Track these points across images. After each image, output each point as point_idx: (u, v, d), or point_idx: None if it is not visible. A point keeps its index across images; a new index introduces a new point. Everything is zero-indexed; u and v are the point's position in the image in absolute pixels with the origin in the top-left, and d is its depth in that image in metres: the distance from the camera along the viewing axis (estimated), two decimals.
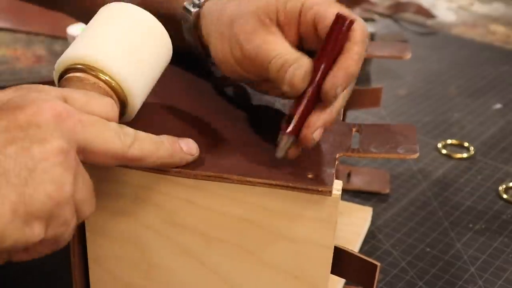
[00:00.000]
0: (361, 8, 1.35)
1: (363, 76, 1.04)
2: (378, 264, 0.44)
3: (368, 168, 0.77)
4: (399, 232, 0.67)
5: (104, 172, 0.43)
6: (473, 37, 1.26)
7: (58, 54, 1.06)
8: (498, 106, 0.97)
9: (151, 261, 0.46)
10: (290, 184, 0.41)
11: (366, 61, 1.04)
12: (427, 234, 0.67)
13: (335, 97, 0.42)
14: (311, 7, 0.44)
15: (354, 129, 0.48)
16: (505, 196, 0.74)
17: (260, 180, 0.41)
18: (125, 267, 0.47)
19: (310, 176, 0.42)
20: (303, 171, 0.42)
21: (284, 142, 0.42)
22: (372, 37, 1.05)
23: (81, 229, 0.46)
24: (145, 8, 0.51)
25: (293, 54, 0.43)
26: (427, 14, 1.33)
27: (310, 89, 0.42)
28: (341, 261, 0.44)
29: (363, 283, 0.45)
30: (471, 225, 0.69)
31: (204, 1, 0.50)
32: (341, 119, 0.50)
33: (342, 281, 0.57)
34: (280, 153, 0.42)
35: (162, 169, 0.42)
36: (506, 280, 0.61)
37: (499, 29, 1.31)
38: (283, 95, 0.48)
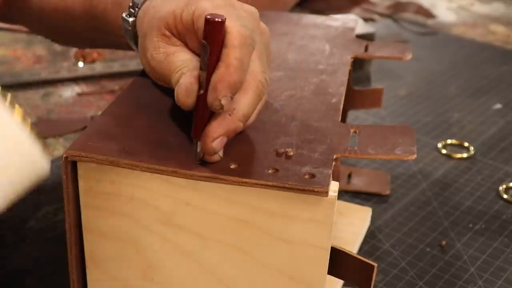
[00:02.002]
0: (361, 8, 1.35)
1: (363, 76, 1.04)
2: (375, 264, 0.44)
3: (369, 169, 0.77)
4: (399, 232, 0.67)
5: (100, 172, 0.44)
6: (473, 37, 1.26)
7: (58, 54, 1.06)
8: (498, 106, 0.97)
9: (148, 262, 0.46)
10: (286, 185, 0.41)
11: (366, 62, 1.04)
12: (427, 234, 0.67)
13: (222, 108, 0.41)
14: (201, 15, 0.44)
15: (352, 130, 0.48)
16: (505, 196, 0.74)
17: (256, 181, 0.41)
18: (123, 267, 0.46)
19: (306, 177, 0.42)
20: (300, 172, 0.42)
21: (196, 147, 0.42)
22: (371, 37, 1.05)
23: (78, 229, 0.46)
24: (93, 15, 0.54)
25: (185, 67, 0.44)
26: (427, 14, 1.33)
27: (201, 98, 0.42)
28: (338, 262, 0.44)
29: (360, 284, 0.45)
30: (471, 225, 0.69)
31: (138, 10, 0.50)
32: (341, 119, 0.50)
33: (340, 282, 0.57)
34: (196, 158, 0.43)
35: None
36: (506, 280, 0.61)
37: (499, 29, 1.31)
38: None
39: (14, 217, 0.66)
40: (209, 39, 0.41)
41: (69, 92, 0.94)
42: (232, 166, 0.43)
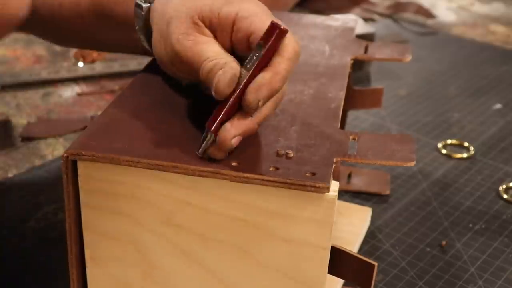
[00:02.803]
0: (361, 8, 1.35)
1: (363, 76, 1.04)
2: (376, 264, 0.44)
3: (369, 169, 0.77)
4: (399, 232, 0.67)
5: (100, 171, 0.44)
6: (473, 37, 1.26)
7: (58, 54, 1.06)
8: (498, 106, 0.97)
9: (148, 261, 0.46)
10: (287, 181, 0.41)
11: (366, 62, 1.04)
12: (427, 234, 0.67)
13: (256, 109, 0.42)
14: (246, 17, 0.45)
15: (351, 137, 0.48)
16: (505, 196, 0.74)
17: (257, 176, 0.41)
18: (123, 267, 0.46)
19: (307, 174, 0.42)
20: (301, 170, 0.42)
21: (206, 139, 0.43)
22: (371, 37, 1.05)
23: (78, 229, 0.46)
24: (100, 9, 0.54)
25: (223, 58, 0.44)
26: (427, 14, 1.33)
27: (235, 94, 0.43)
28: (339, 261, 0.44)
29: (361, 283, 0.45)
30: (471, 225, 0.69)
31: None
32: (341, 119, 0.50)
33: (340, 281, 0.57)
34: (201, 150, 0.43)
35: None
36: (506, 280, 0.61)
37: (499, 29, 1.31)
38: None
39: (14, 217, 0.66)
40: (268, 43, 0.43)
41: (69, 92, 0.94)
42: (233, 164, 0.43)
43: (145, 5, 0.51)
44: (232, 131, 0.42)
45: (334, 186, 0.42)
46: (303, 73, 0.57)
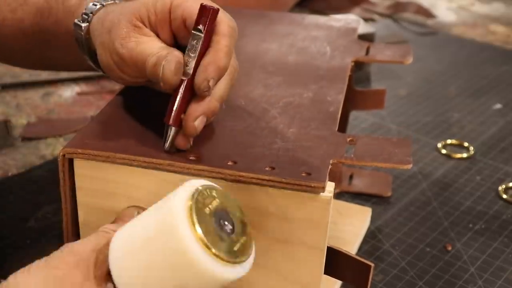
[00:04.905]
0: (361, 8, 1.35)
1: (363, 76, 1.04)
2: (372, 264, 0.44)
3: (370, 171, 0.77)
4: (399, 232, 0.67)
5: (96, 170, 0.44)
6: (473, 37, 1.26)
7: None
8: (498, 106, 0.97)
9: None
10: (283, 180, 0.41)
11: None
12: (427, 234, 0.67)
13: (208, 90, 0.44)
14: (179, 5, 0.46)
15: (349, 139, 0.48)
16: (505, 196, 0.74)
17: (252, 175, 0.41)
18: None
19: (303, 174, 0.42)
20: (297, 170, 0.42)
21: (168, 133, 0.43)
22: (371, 37, 1.05)
23: (75, 227, 0.46)
24: (42, 27, 0.54)
25: (164, 50, 0.45)
26: (427, 14, 1.33)
27: (184, 82, 0.44)
28: (335, 262, 0.44)
29: (358, 284, 0.45)
30: (471, 225, 0.69)
31: (93, 16, 0.51)
32: (343, 120, 0.50)
33: (338, 282, 0.57)
34: (167, 145, 0.44)
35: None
36: (506, 280, 0.61)
37: (499, 29, 1.31)
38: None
39: (14, 217, 0.66)
40: (204, 25, 0.44)
41: (69, 92, 0.94)
42: (229, 163, 0.43)
43: (83, 24, 0.51)
44: (192, 113, 0.43)
45: (330, 186, 0.42)
46: (304, 75, 0.57)
